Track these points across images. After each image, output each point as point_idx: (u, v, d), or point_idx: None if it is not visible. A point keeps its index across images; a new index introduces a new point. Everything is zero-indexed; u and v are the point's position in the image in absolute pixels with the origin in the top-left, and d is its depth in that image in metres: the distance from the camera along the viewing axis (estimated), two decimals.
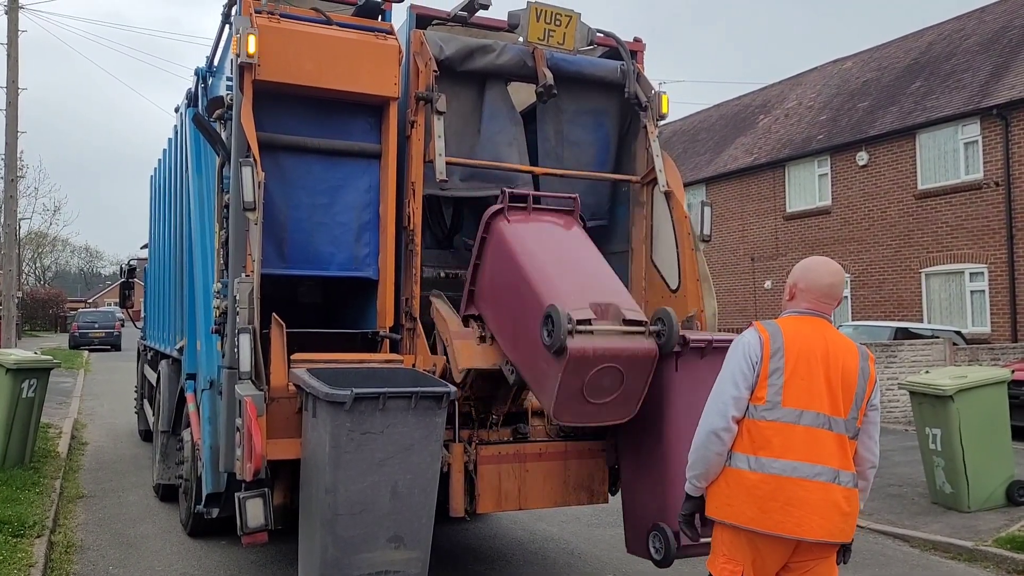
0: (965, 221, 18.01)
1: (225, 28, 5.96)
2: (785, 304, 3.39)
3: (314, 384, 4.14)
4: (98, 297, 71.52)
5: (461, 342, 4.95)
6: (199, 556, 6.16)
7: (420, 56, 5.38)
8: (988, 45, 19.70)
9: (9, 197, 20.68)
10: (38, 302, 49.91)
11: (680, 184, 5.88)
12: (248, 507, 4.48)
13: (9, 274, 20.83)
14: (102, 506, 7.70)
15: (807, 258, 3.49)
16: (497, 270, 4.96)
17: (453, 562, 6.00)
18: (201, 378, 5.94)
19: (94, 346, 33.60)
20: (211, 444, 5.38)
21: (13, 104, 20.02)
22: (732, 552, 3.13)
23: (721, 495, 3.12)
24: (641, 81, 6.02)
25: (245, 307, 4.45)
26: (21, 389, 8.30)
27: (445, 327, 5.08)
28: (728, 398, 3.11)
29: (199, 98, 6.92)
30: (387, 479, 4.15)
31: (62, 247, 65.30)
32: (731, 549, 3.13)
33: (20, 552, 5.68)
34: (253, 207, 4.52)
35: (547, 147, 5.98)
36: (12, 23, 20.05)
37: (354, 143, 5.38)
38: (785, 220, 22.56)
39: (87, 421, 13.16)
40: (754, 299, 23.19)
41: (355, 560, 4.16)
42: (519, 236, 4.88)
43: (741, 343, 3.23)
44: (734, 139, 26.18)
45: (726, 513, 3.11)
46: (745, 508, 3.05)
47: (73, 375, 20.21)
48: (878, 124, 20.19)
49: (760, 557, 3.07)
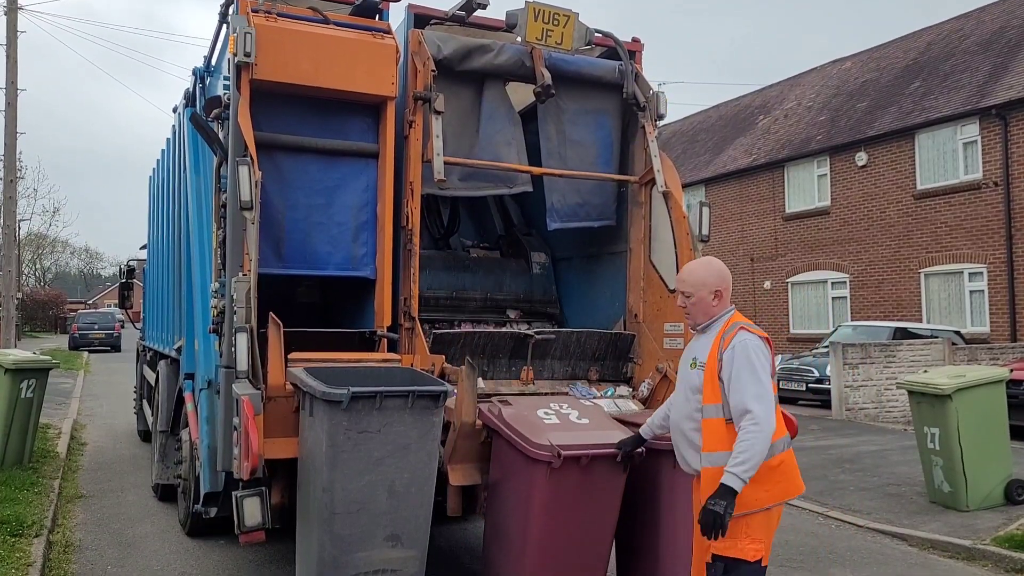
0: (964, 221, 18.02)
1: (223, 27, 5.96)
2: (711, 306, 3.65)
3: (311, 383, 4.14)
4: (98, 298, 71.57)
5: None
6: (197, 556, 6.16)
7: (418, 56, 5.39)
8: (987, 45, 19.71)
9: (8, 198, 20.67)
10: (38, 303, 49.94)
11: (679, 184, 5.88)
12: (245, 506, 4.48)
13: (9, 275, 20.82)
14: (101, 506, 7.70)
15: (708, 259, 3.85)
16: (504, 495, 4.66)
17: (450, 561, 6.00)
18: (199, 378, 5.94)
19: (94, 347, 33.61)
20: (209, 443, 5.38)
21: (13, 105, 20.02)
22: (759, 533, 3.43)
23: (770, 480, 3.41)
24: (639, 81, 6.02)
25: (242, 306, 4.45)
26: (20, 389, 8.30)
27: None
28: (772, 399, 3.44)
29: (197, 98, 6.93)
30: (384, 478, 4.15)
31: (62, 248, 65.34)
32: (758, 531, 3.43)
33: (18, 551, 5.68)
34: (250, 206, 4.52)
35: (550, 147, 5.98)
36: (11, 24, 20.05)
37: (352, 143, 5.38)
38: (784, 221, 22.56)
39: (86, 421, 13.16)
40: (753, 299, 23.19)
41: (352, 559, 4.16)
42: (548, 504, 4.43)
43: (760, 349, 3.50)
44: (733, 140, 26.19)
45: (773, 495, 3.45)
46: (787, 484, 3.51)
47: (73, 376, 20.21)
48: (877, 124, 20.20)
49: (773, 527, 3.51)
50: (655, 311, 5.89)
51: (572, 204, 6.08)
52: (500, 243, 7.29)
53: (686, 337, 5.53)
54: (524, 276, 6.84)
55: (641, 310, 6.00)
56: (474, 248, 7.18)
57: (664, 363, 5.68)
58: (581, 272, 6.82)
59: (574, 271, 6.93)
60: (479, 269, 6.74)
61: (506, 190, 6.00)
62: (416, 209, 5.36)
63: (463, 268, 6.66)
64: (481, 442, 4.74)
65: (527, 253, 6.95)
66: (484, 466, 4.79)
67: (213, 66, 6.71)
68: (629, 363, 6.06)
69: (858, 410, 14.22)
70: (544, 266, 6.90)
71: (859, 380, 14.31)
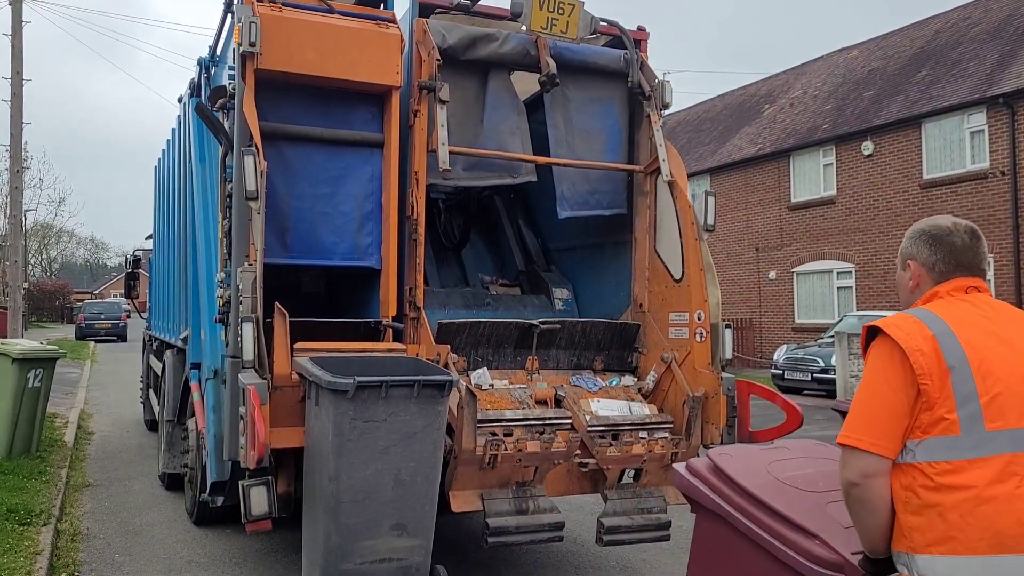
0: (971, 211, 17.93)
1: (227, 17, 5.95)
2: None
3: (317, 372, 4.15)
4: (104, 288, 71.70)
5: None
6: (204, 544, 6.19)
7: (423, 45, 5.37)
8: (995, 33, 19.58)
9: (14, 188, 20.71)
10: (44, 293, 50.11)
11: (684, 174, 5.87)
12: (252, 495, 4.50)
13: (15, 265, 20.89)
14: (108, 495, 7.75)
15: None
16: None
17: (456, 550, 6.02)
18: (205, 367, 5.96)
19: (100, 337, 33.75)
20: (215, 433, 5.41)
21: (18, 95, 20.00)
22: None
23: None
24: (645, 70, 6.00)
25: (248, 296, 4.47)
26: (27, 379, 8.34)
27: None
28: None
29: (202, 87, 6.93)
30: (390, 467, 4.17)
31: (68, 238, 65.47)
32: None
33: (27, 540, 5.72)
34: (256, 196, 4.52)
35: (558, 135, 5.95)
36: (16, 13, 20.02)
37: (356, 132, 5.37)
38: (790, 210, 22.50)
39: (93, 411, 13.22)
40: (758, 289, 23.16)
41: (358, 547, 4.18)
42: None
43: None
44: (739, 129, 26.09)
45: None
46: None
47: (79, 365, 20.29)
48: (883, 113, 20.11)
49: None
50: (660, 301, 5.88)
51: (583, 192, 6.05)
52: (520, 279, 7.13)
53: (691, 327, 5.53)
54: (546, 313, 6.61)
55: (646, 300, 6.00)
56: (493, 284, 7.08)
57: (669, 352, 5.68)
58: (586, 262, 6.81)
59: (579, 261, 6.92)
60: (499, 306, 6.59)
61: (510, 180, 5.98)
62: (421, 199, 5.35)
63: (483, 305, 6.55)
64: (482, 468, 4.73)
65: (548, 289, 6.80)
66: (485, 493, 4.81)
67: (218, 56, 6.70)
68: (634, 353, 6.06)
69: None
70: (567, 302, 6.75)
71: None
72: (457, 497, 4.79)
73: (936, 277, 2.36)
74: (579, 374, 5.88)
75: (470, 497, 4.82)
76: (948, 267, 2.35)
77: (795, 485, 2.80)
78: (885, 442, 2.13)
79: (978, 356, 2.12)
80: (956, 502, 2.04)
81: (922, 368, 2.10)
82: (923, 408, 2.11)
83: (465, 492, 4.81)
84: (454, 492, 4.77)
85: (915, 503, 2.10)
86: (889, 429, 2.13)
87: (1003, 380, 2.11)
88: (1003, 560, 1.99)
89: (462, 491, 4.80)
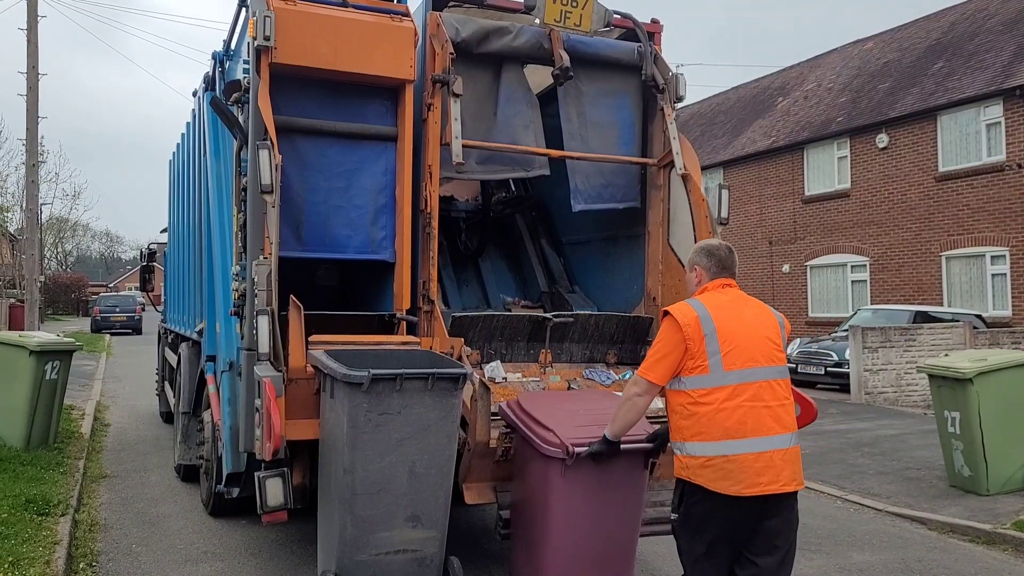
0: (986, 204, 17.81)
1: (241, 11, 5.97)
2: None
3: (332, 365, 4.17)
4: (119, 281, 72.26)
5: None
6: (220, 535, 6.25)
7: (436, 38, 5.38)
8: (1012, 25, 19.39)
9: (31, 182, 20.83)
10: (60, 286, 50.46)
11: (697, 167, 5.85)
12: (268, 486, 4.54)
13: (32, 258, 21.05)
14: (125, 486, 7.82)
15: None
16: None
17: (470, 542, 6.05)
18: (220, 360, 6.00)
19: (115, 330, 33.98)
20: (231, 425, 5.45)
21: (34, 89, 20.10)
22: None
23: None
24: (658, 63, 5.99)
25: (263, 289, 4.49)
26: (45, 371, 8.42)
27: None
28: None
29: (216, 82, 6.96)
30: (404, 459, 4.19)
31: (83, 232, 65.92)
32: None
33: (45, 530, 5.79)
34: (271, 190, 4.54)
35: (571, 128, 5.94)
36: (31, 8, 20.12)
37: (370, 126, 5.39)
38: (804, 203, 22.39)
39: (109, 403, 13.33)
40: (772, 283, 23.07)
41: (373, 539, 4.21)
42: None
43: None
44: (752, 122, 25.96)
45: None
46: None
47: (95, 358, 20.47)
48: (898, 106, 19.96)
49: None
50: (673, 294, 5.87)
51: (597, 185, 6.05)
52: (543, 299, 7.05)
53: None
54: None
55: (660, 293, 6.00)
56: (515, 305, 6.99)
57: None
58: (599, 255, 6.80)
59: (592, 254, 6.91)
60: None
61: (523, 173, 5.99)
62: (435, 192, 5.36)
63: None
64: (496, 461, 4.75)
65: (572, 311, 6.69)
66: (499, 485, 4.82)
67: (232, 50, 6.73)
68: (647, 346, 6.04)
69: (877, 394, 14.15)
70: None
71: (878, 364, 14.24)
72: (471, 489, 4.81)
73: (710, 276, 3.64)
74: (592, 367, 5.88)
75: (483, 489, 4.84)
76: (716, 270, 3.64)
77: (558, 408, 4.53)
78: (658, 377, 3.46)
79: (722, 327, 3.41)
80: (706, 412, 3.36)
81: (688, 334, 3.38)
82: (688, 357, 3.40)
83: (479, 484, 4.83)
84: (468, 484, 4.79)
85: (684, 412, 3.42)
86: (664, 369, 3.44)
87: (733, 341, 3.39)
88: (728, 444, 3.33)
89: (475, 483, 4.82)
